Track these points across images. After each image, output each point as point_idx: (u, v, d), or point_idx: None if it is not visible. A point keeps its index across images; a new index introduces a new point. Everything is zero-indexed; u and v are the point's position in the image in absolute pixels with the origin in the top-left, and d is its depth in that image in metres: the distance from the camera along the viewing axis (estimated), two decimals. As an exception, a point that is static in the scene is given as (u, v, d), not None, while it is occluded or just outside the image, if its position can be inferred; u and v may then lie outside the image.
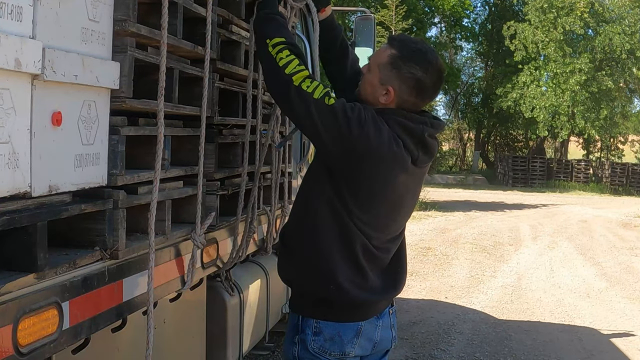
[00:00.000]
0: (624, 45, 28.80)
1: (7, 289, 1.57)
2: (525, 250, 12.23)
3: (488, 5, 38.64)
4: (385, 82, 2.34)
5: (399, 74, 2.32)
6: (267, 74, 2.35)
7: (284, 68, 2.24)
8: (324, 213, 2.31)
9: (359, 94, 2.46)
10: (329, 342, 2.34)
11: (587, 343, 6.44)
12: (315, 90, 2.23)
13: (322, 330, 2.34)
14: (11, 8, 1.52)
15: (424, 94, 2.36)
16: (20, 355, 1.57)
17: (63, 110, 1.75)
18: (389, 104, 2.35)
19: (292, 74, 2.23)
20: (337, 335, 2.34)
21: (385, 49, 2.39)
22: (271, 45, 2.29)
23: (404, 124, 2.32)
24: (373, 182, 2.30)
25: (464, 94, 39.91)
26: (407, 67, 2.31)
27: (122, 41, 2.00)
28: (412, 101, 2.35)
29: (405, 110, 2.35)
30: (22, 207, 1.64)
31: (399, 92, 2.33)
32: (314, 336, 2.34)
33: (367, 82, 2.41)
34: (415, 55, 2.34)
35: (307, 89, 2.22)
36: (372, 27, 5.71)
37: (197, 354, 3.09)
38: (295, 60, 2.26)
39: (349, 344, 2.35)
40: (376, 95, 2.36)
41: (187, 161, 2.52)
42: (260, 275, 3.91)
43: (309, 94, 2.22)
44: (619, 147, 37.88)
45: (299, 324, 2.38)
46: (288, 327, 2.47)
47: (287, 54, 2.26)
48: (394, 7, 20.11)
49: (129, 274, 2.06)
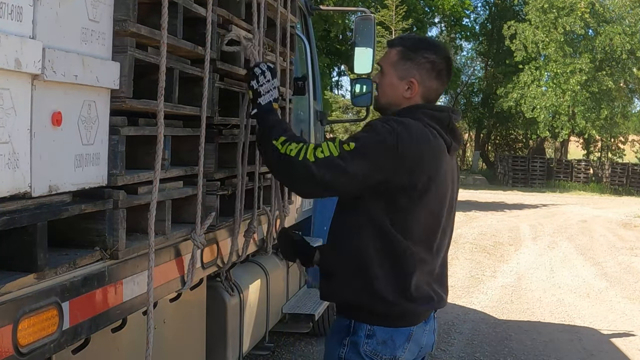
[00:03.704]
0: (625, 45, 28.80)
1: (7, 289, 1.57)
2: (525, 250, 12.23)
3: (488, 5, 38.65)
4: (404, 76, 2.43)
5: (414, 63, 2.42)
6: (286, 170, 2.35)
7: (297, 156, 2.26)
8: (366, 234, 2.32)
9: (378, 102, 2.52)
10: (381, 345, 2.35)
11: (587, 343, 6.44)
12: (331, 149, 2.24)
13: (376, 334, 2.35)
14: (11, 8, 1.52)
15: (441, 75, 2.46)
16: (20, 355, 1.57)
17: (63, 110, 1.75)
18: (414, 96, 2.42)
19: (305, 157, 2.25)
20: (389, 339, 2.35)
21: (390, 50, 2.50)
22: (280, 144, 2.31)
23: (432, 114, 2.40)
24: (424, 178, 2.30)
25: (464, 93, 39.90)
26: (419, 54, 2.43)
27: (122, 41, 2.00)
28: (434, 86, 2.45)
29: (430, 99, 2.45)
30: (22, 207, 1.64)
31: (421, 80, 2.42)
32: (367, 339, 2.35)
33: (386, 86, 2.47)
34: (421, 42, 2.52)
35: (324, 156, 2.23)
36: (372, 27, 5.71)
37: (197, 354, 3.09)
38: (300, 145, 2.28)
39: (400, 348, 2.37)
40: (399, 94, 2.43)
41: (187, 161, 2.52)
42: (260, 275, 3.90)
43: (329, 159, 2.23)
44: (620, 147, 37.87)
45: (351, 326, 2.37)
46: (335, 328, 2.47)
47: (294, 146, 2.28)
48: (394, 7, 20.13)
49: (129, 274, 2.06)
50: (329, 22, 22.37)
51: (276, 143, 2.31)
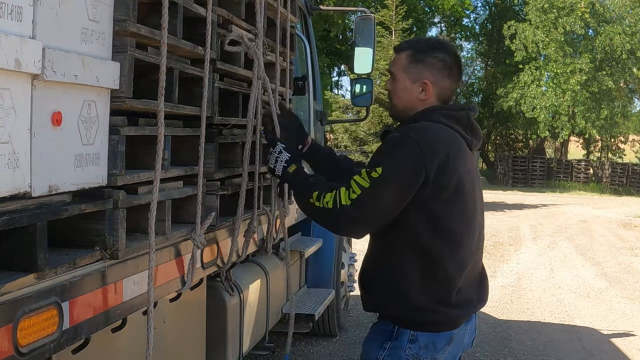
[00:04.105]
0: (625, 45, 28.79)
1: (7, 289, 1.57)
2: (525, 250, 12.23)
3: (488, 5, 38.63)
4: (417, 78, 2.44)
5: (425, 64, 2.44)
6: (334, 222, 2.40)
7: (335, 206, 2.30)
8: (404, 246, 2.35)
9: (394, 108, 2.53)
10: (423, 349, 2.37)
11: (587, 343, 6.44)
12: (361, 184, 2.26)
13: (418, 339, 2.37)
14: (11, 8, 1.52)
15: (453, 73, 2.48)
16: (20, 355, 1.57)
17: (63, 110, 1.75)
18: (428, 97, 2.43)
19: (341, 204, 2.28)
20: (431, 344, 2.38)
21: (399, 55, 2.50)
22: (314, 202, 2.36)
23: (449, 114, 2.41)
24: (454, 179, 2.32)
25: (464, 94, 39.88)
26: (429, 55, 2.45)
27: (122, 41, 2.00)
28: (447, 85, 2.46)
29: (444, 99, 2.46)
30: (22, 207, 1.64)
31: (435, 80, 2.43)
32: (410, 344, 2.36)
33: (399, 90, 2.48)
34: (429, 43, 2.54)
35: (356, 196, 2.26)
36: (372, 27, 5.70)
37: (197, 354, 3.09)
38: (333, 193, 2.31)
39: (441, 351, 2.40)
40: (413, 97, 2.44)
41: (187, 161, 2.52)
42: (260, 275, 3.90)
43: (362, 195, 2.25)
44: (620, 147, 37.86)
45: (394, 331, 2.39)
46: (376, 330, 2.47)
47: (329, 196, 2.32)
48: (394, 7, 20.11)
49: (129, 274, 2.06)
50: (329, 22, 22.38)
51: (313, 201, 2.37)
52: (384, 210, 2.29)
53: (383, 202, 2.27)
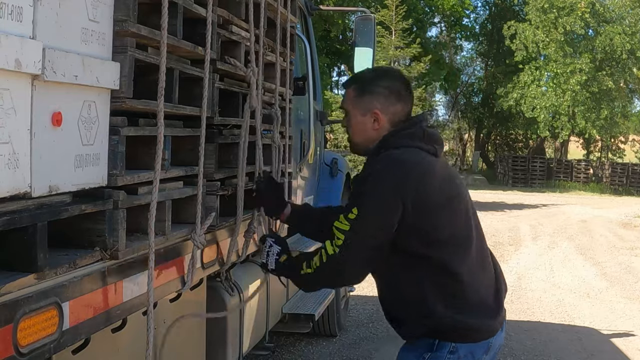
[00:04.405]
0: (625, 45, 28.80)
1: (7, 289, 1.57)
2: (525, 250, 12.23)
3: (488, 5, 38.63)
4: (367, 110, 2.47)
5: (372, 95, 2.47)
6: (328, 278, 2.49)
7: (322, 260, 2.37)
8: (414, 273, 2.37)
9: (353, 144, 2.58)
10: (462, 359, 2.39)
11: (587, 343, 6.44)
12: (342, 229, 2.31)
13: (458, 350, 2.39)
14: (11, 8, 1.52)
15: (402, 97, 2.49)
16: (20, 355, 1.57)
17: (63, 111, 1.75)
18: (382, 126, 2.45)
19: (329, 255, 2.34)
20: (469, 354, 2.41)
21: (347, 91, 2.58)
22: (306, 271, 2.43)
23: (405, 134, 2.43)
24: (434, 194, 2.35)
25: (464, 93, 39.89)
26: (374, 85, 2.49)
27: (122, 41, 2.00)
28: (398, 109, 2.48)
29: (399, 123, 2.46)
30: (22, 208, 1.64)
31: (384, 108, 2.45)
32: (449, 354, 2.38)
33: (355, 125, 2.53)
34: (372, 74, 2.65)
35: (341, 242, 2.31)
36: (372, 27, 5.71)
37: (197, 354, 3.08)
38: (318, 253, 2.39)
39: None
40: (368, 128, 2.48)
41: (187, 161, 2.52)
42: (260, 275, 3.90)
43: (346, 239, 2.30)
44: (620, 147, 37.86)
45: (434, 344, 2.40)
46: (416, 341, 2.46)
47: (316, 258, 2.39)
48: (394, 7, 20.12)
49: (129, 274, 2.06)
50: (329, 22, 22.40)
51: (304, 272, 2.44)
52: (371, 246, 2.33)
53: (367, 239, 2.31)
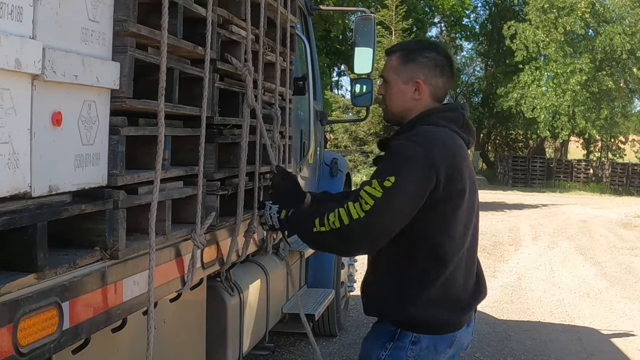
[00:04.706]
0: (625, 45, 28.81)
1: (7, 289, 1.57)
2: (525, 250, 12.23)
3: (488, 5, 38.64)
4: (409, 79, 2.43)
5: (417, 64, 2.43)
6: (346, 241, 2.33)
7: (343, 222, 2.26)
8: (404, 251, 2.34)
9: (389, 113, 2.52)
10: (424, 351, 2.37)
11: (587, 343, 6.44)
12: (374, 194, 2.22)
13: (421, 341, 2.37)
14: (11, 8, 1.52)
15: (446, 72, 2.47)
16: (20, 355, 1.57)
17: (63, 110, 1.75)
18: (422, 97, 2.42)
19: (352, 218, 2.24)
20: (432, 346, 2.38)
21: (390, 58, 2.51)
22: (319, 229, 2.32)
23: (447, 116, 2.41)
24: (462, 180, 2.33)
25: (464, 93, 39.88)
26: (419, 55, 2.45)
27: (122, 41, 2.00)
28: (440, 84, 2.46)
29: (438, 97, 2.45)
30: (22, 207, 1.64)
31: (427, 79, 2.42)
32: (412, 345, 2.37)
33: (393, 93, 2.47)
34: (418, 44, 2.59)
35: (370, 206, 2.22)
36: (372, 27, 5.70)
37: (197, 354, 3.08)
38: (336, 212, 2.28)
39: (442, 354, 2.41)
40: (407, 98, 2.44)
41: (187, 161, 2.52)
42: (260, 275, 3.90)
43: (377, 205, 2.22)
44: (620, 147, 37.86)
45: (397, 332, 2.38)
46: (379, 331, 2.47)
47: (332, 216, 2.28)
48: (394, 7, 20.11)
49: (129, 274, 2.06)
50: (329, 22, 22.39)
51: (317, 229, 2.32)
52: (400, 218, 2.27)
53: (398, 209, 2.25)
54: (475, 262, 2.54)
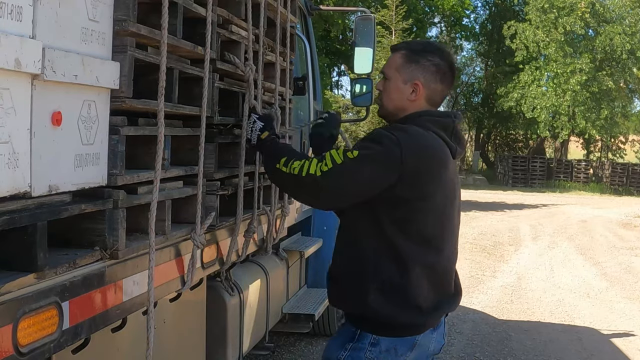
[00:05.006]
0: (625, 45, 28.81)
1: (7, 289, 1.57)
2: (525, 250, 12.23)
3: (488, 5, 38.64)
4: (409, 79, 2.44)
5: (419, 66, 2.43)
6: (297, 188, 2.44)
7: (301, 173, 2.31)
8: (371, 243, 2.33)
9: (383, 109, 2.53)
10: (384, 353, 2.36)
11: (587, 343, 6.44)
12: (335, 159, 2.27)
13: (380, 343, 2.35)
14: (11, 8, 1.52)
15: (446, 79, 2.47)
16: (20, 355, 1.57)
17: (63, 110, 1.75)
18: (418, 99, 2.43)
19: (309, 172, 2.29)
20: (392, 349, 2.36)
21: (395, 55, 2.51)
22: (281, 168, 2.38)
23: (436, 121, 2.41)
24: (431, 186, 2.33)
25: (464, 93, 39.88)
26: (424, 57, 2.44)
27: (122, 41, 2.00)
28: (438, 89, 2.46)
29: (434, 103, 2.46)
30: (22, 207, 1.64)
31: (426, 83, 2.43)
32: (371, 347, 2.35)
33: (391, 90, 2.48)
34: (426, 46, 2.54)
35: (328, 168, 2.26)
36: (372, 27, 5.70)
37: (197, 354, 3.09)
38: (302, 162, 2.33)
39: (402, 357, 2.38)
40: (404, 97, 2.44)
41: (187, 161, 2.52)
42: (260, 275, 3.90)
43: (334, 168, 2.26)
44: (620, 147, 37.86)
45: (356, 333, 2.38)
46: (341, 331, 2.50)
47: (297, 164, 2.34)
48: (394, 7, 20.12)
49: (129, 274, 2.06)
50: (329, 22, 22.37)
51: (279, 166, 2.38)
52: (348, 190, 2.30)
53: (349, 181, 2.28)
54: (453, 271, 2.51)
